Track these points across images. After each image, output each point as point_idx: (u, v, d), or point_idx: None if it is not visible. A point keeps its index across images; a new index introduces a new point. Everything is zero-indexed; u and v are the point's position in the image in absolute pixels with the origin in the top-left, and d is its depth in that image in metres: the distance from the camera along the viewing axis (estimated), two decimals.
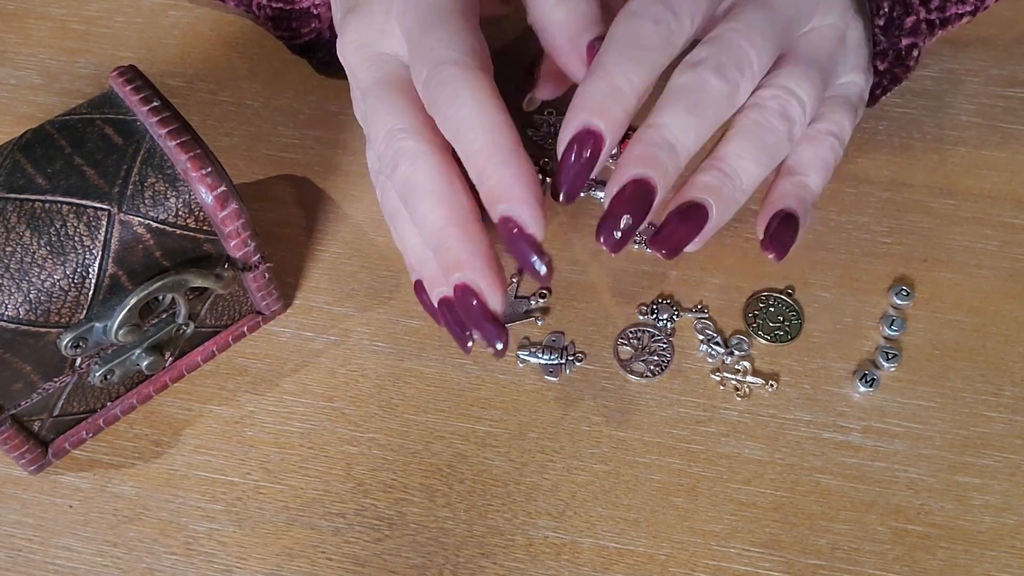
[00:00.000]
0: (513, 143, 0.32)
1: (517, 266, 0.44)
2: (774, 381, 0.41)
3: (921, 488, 0.39)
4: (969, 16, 0.44)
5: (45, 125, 0.37)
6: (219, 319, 0.41)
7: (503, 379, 0.42)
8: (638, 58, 0.33)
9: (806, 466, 0.40)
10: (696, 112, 0.33)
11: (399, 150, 0.34)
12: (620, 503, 0.39)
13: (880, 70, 0.42)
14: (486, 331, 0.33)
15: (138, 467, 0.40)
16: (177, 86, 0.51)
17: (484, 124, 0.32)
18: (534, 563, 0.37)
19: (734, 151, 0.35)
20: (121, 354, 0.38)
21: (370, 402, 0.41)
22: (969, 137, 0.49)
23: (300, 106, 0.50)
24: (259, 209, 0.46)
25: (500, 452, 0.40)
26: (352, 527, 0.38)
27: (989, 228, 0.46)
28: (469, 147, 0.32)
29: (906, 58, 0.42)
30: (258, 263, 0.39)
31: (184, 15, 0.53)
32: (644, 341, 0.43)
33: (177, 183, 0.36)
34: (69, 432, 0.40)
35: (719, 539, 0.38)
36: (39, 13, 0.54)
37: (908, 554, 0.38)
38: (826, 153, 0.38)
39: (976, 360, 0.42)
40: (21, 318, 0.34)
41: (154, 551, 0.38)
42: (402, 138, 0.34)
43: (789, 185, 0.38)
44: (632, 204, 0.33)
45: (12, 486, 0.39)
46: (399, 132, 0.34)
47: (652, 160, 0.33)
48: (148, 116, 0.36)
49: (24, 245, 0.34)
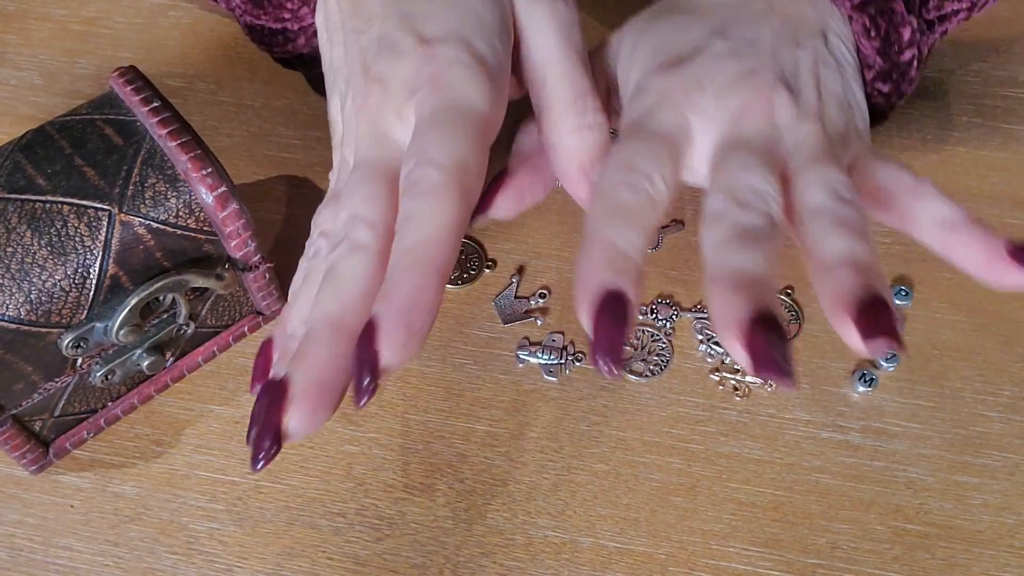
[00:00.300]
0: (443, 274, 0.30)
1: (517, 266, 0.44)
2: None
3: (920, 487, 0.39)
4: (966, 13, 0.44)
5: (46, 126, 0.37)
6: (220, 319, 0.41)
7: (503, 379, 0.42)
8: (628, 222, 0.32)
9: (805, 466, 0.40)
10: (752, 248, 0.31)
11: (354, 236, 0.33)
12: (620, 502, 0.39)
13: (885, 92, 0.42)
14: (259, 441, 0.29)
15: (139, 467, 0.40)
16: (177, 87, 0.51)
17: (432, 239, 0.31)
18: (534, 562, 0.38)
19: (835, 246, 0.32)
20: (122, 354, 0.38)
21: (370, 402, 0.41)
22: (969, 138, 0.49)
23: (300, 106, 0.50)
24: (259, 209, 0.46)
25: (500, 452, 0.40)
26: (352, 526, 0.38)
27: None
28: (405, 245, 0.31)
29: (908, 70, 0.42)
30: (258, 263, 0.39)
31: (184, 16, 0.53)
32: (643, 341, 0.43)
33: (178, 183, 0.36)
34: (70, 432, 0.40)
35: (718, 538, 0.38)
36: (39, 14, 0.54)
37: (907, 553, 0.38)
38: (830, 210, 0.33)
39: (975, 360, 0.42)
40: (22, 318, 0.34)
41: (155, 551, 0.38)
42: (362, 228, 0.33)
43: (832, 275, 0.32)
44: (767, 344, 0.29)
45: (13, 486, 0.39)
46: (361, 221, 0.33)
47: (745, 288, 0.30)
48: (148, 117, 0.36)
49: (25, 246, 0.34)
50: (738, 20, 0.39)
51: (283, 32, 0.44)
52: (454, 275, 0.44)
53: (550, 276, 0.45)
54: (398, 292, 0.30)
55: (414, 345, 0.29)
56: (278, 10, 0.42)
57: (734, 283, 0.30)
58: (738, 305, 0.30)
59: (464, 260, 0.45)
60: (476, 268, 0.45)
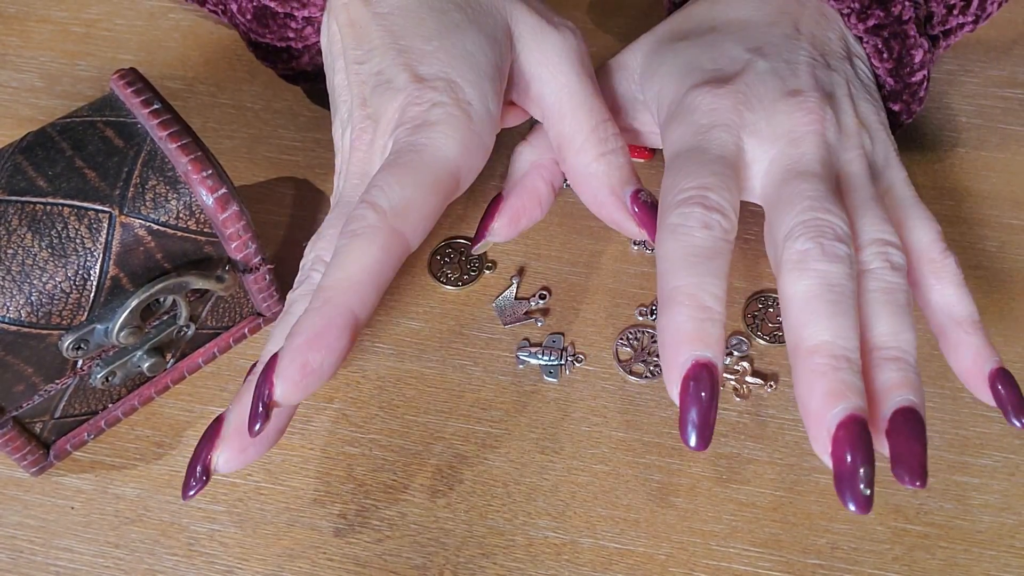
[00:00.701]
0: (352, 317, 0.30)
1: (516, 268, 0.44)
2: (773, 381, 0.42)
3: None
4: (971, 26, 0.44)
5: (46, 128, 0.37)
6: (220, 321, 0.41)
7: (503, 380, 0.42)
8: (708, 269, 0.31)
9: (805, 466, 0.40)
10: (840, 313, 0.31)
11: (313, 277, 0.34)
12: (620, 503, 0.39)
13: (896, 111, 0.42)
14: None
15: (140, 468, 0.40)
16: (177, 89, 0.51)
17: (346, 280, 0.31)
18: (534, 563, 0.38)
19: (889, 331, 0.32)
20: (122, 356, 0.38)
21: (371, 403, 0.41)
22: (968, 138, 0.49)
23: (300, 108, 0.50)
24: (260, 211, 0.47)
25: (500, 453, 0.40)
26: (353, 528, 0.38)
27: (988, 229, 0.46)
28: (322, 283, 0.31)
29: (919, 90, 0.42)
30: (259, 265, 0.39)
31: (184, 18, 0.53)
32: (644, 342, 0.43)
33: (178, 185, 0.36)
34: (71, 434, 0.40)
35: (719, 539, 0.38)
36: (40, 16, 0.54)
37: (907, 553, 0.38)
38: (887, 284, 0.33)
39: None
40: (23, 320, 0.34)
41: (156, 552, 0.38)
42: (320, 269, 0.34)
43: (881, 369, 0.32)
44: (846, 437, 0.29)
45: (14, 488, 0.39)
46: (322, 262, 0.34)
47: (841, 387, 0.30)
48: (149, 119, 0.36)
49: (25, 247, 0.34)
50: (771, 40, 0.39)
51: (287, 50, 0.44)
52: (454, 276, 0.45)
53: (550, 277, 0.45)
54: (299, 331, 0.30)
55: (309, 383, 0.30)
56: (283, 29, 0.42)
57: (829, 387, 0.29)
58: (832, 414, 0.29)
59: (464, 262, 0.45)
60: (476, 270, 0.45)
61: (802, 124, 0.35)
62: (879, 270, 0.33)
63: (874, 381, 0.32)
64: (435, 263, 0.45)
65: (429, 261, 0.45)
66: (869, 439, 0.29)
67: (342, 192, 0.36)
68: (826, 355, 0.30)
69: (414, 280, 0.45)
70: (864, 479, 0.28)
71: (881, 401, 0.31)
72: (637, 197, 0.37)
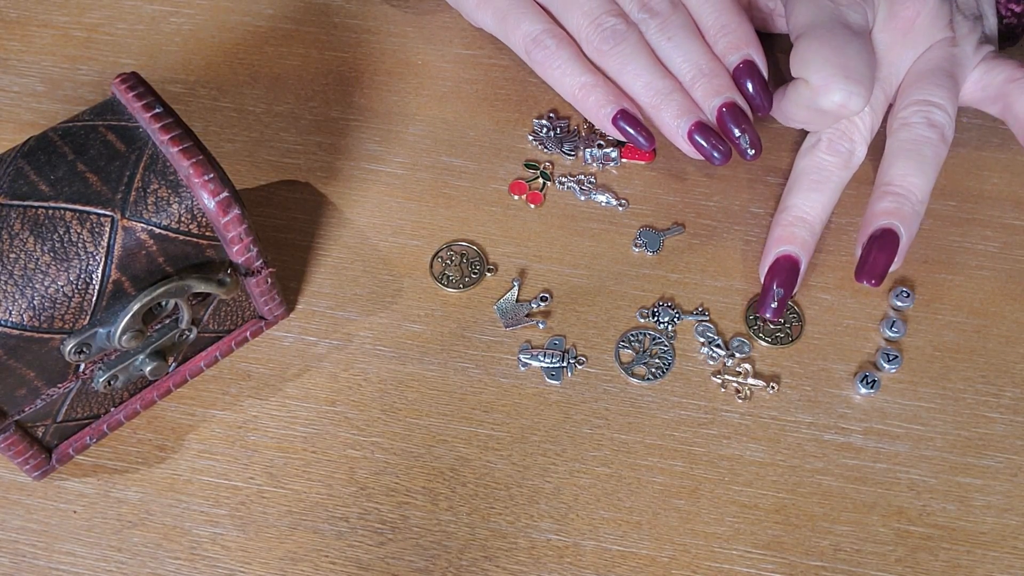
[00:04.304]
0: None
1: (518, 270, 0.44)
2: (775, 383, 0.42)
3: (923, 489, 0.39)
4: None
5: (48, 132, 0.37)
6: (222, 324, 0.41)
7: (505, 382, 0.42)
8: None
9: (808, 468, 0.40)
10: (818, 188, 0.42)
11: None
12: (622, 505, 0.39)
13: (1018, 12, 0.44)
14: (750, 133, 0.42)
15: (142, 472, 0.40)
16: (179, 92, 0.51)
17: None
18: (537, 566, 0.38)
19: (900, 172, 0.41)
20: (124, 359, 0.38)
21: (373, 406, 0.41)
22: (969, 138, 0.49)
23: (302, 112, 0.50)
24: (261, 214, 0.47)
25: (502, 455, 0.40)
26: (355, 531, 0.38)
27: (990, 229, 0.46)
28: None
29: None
30: (260, 268, 0.39)
31: (185, 22, 0.54)
32: (645, 344, 0.43)
33: (180, 189, 0.36)
34: (73, 437, 0.40)
35: (721, 541, 0.38)
36: (41, 21, 0.54)
37: (910, 555, 0.38)
38: (917, 135, 0.41)
39: (977, 361, 0.42)
40: (25, 324, 0.34)
41: (158, 556, 0.38)
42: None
43: (879, 200, 0.42)
44: (782, 276, 0.41)
45: (16, 492, 0.39)
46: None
47: (790, 237, 0.41)
48: (150, 122, 0.36)
49: (28, 252, 0.34)
50: None
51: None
52: (455, 279, 0.45)
53: (551, 280, 0.45)
54: (741, 34, 0.44)
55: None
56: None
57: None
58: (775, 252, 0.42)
59: (465, 264, 0.45)
60: (477, 272, 0.45)
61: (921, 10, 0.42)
62: (916, 125, 0.41)
63: (870, 207, 0.41)
64: (437, 265, 0.45)
65: (431, 263, 0.45)
66: (793, 275, 0.42)
67: None
68: (790, 215, 0.43)
69: (416, 283, 0.45)
70: (777, 297, 0.42)
71: (869, 224, 0.40)
72: None
